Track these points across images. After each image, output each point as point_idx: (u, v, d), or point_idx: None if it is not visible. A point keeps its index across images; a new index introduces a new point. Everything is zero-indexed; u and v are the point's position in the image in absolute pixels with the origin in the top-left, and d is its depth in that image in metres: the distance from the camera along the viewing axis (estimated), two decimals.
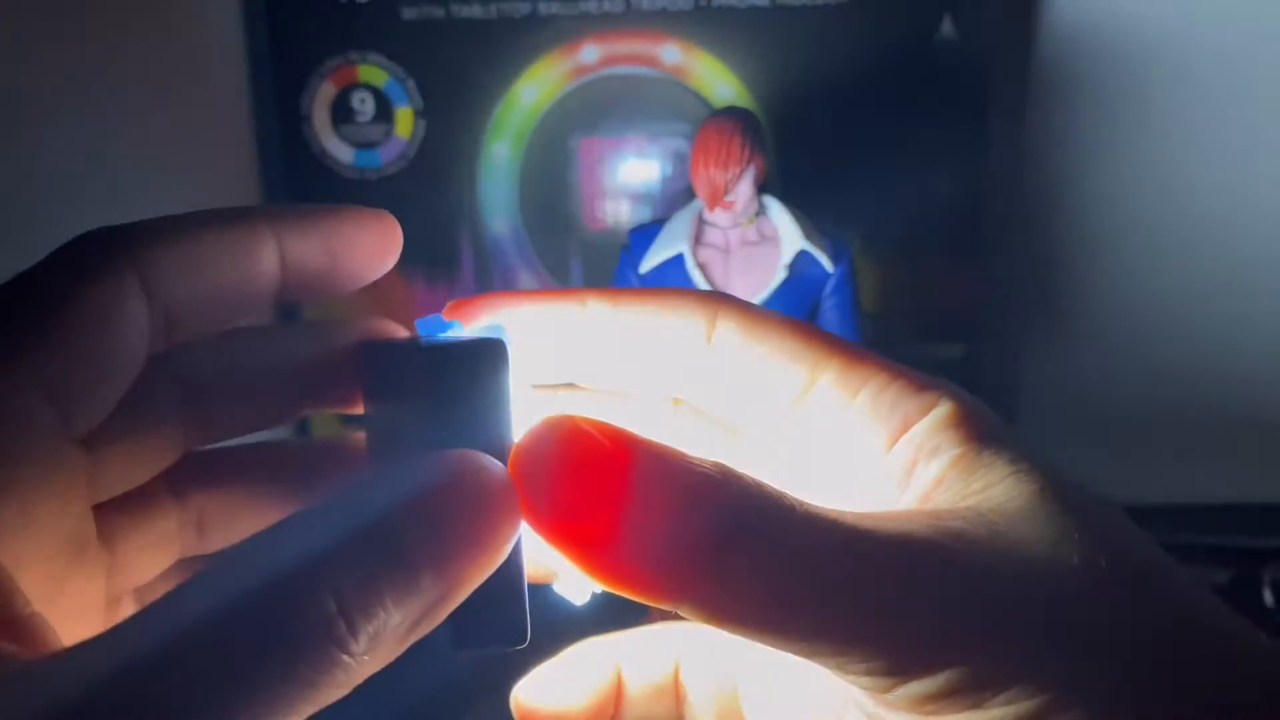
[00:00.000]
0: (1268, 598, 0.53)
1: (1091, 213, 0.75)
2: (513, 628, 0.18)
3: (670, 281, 0.46)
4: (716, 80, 0.65)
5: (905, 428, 0.20)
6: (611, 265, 0.51)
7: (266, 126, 0.67)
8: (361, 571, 0.14)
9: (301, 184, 0.67)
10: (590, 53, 0.64)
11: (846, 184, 0.66)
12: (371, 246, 0.21)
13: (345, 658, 0.14)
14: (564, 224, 0.67)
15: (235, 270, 0.19)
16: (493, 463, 0.16)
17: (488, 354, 0.17)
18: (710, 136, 0.44)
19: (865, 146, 0.65)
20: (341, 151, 0.66)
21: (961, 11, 0.63)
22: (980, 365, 0.68)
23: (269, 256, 0.20)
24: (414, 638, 0.16)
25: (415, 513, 0.15)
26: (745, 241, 0.46)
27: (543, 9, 0.64)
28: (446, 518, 0.16)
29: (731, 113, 0.45)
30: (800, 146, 0.65)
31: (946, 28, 0.63)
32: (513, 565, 0.17)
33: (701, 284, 0.45)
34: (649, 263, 0.46)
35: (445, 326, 0.20)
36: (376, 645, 0.15)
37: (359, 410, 0.22)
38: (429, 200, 0.67)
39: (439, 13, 0.64)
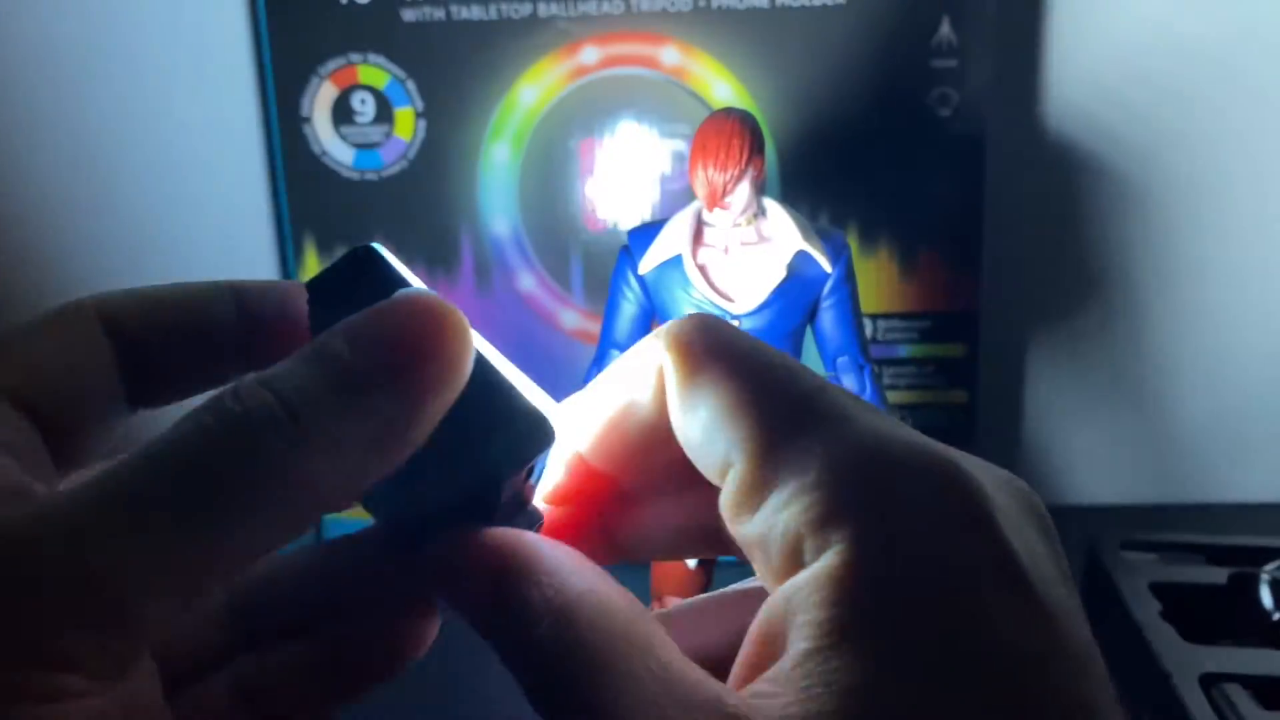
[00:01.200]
0: (1265, 596, 0.53)
1: (1094, 211, 0.75)
2: (529, 423, 0.19)
3: (670, 281, 0.46)
4: (715, 81, 0.65)
5: (790, 569, 0.17)
6: (611, 266, 0.52)
7: (268, 127, 0.67)
8: (309, 389, 0.16)
9: (302, 185, 0.67)
10: (590, 54, 0.65)
11: (845, 184, 0.66)
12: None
13: (307, 445, 0.16)
14: (564, 225, 0.67)
15: (193, 314, 0.21)
16: (430, 293, 0.18)
17: (363, 257, 0.20)
18: (709, 137, 0.44)
19: (864, 147, 0.65)
20: (342, 152, 0.66)
21: (960, 12, 0.63)
22: (980, 365, 0.69)
23: (226, 306, 0.21)
24: (385, 451, 0.17)
25: (354, 328, 0.17)
26: (744, 242, 0.46)
27: (543, 11, 0.64)
28: (384, 325, 0.17)
29: (730, 113, 0.45)
30: (799, 147, 0.65)
31: (945, 29, 0.63)
32: (485, 376, 0.18)
33: (701, 284, 0.45)
34: (648, 263, 0.46)
35: None
36: (341, 444, 0.16)
37: None
38: (429, 201, 0.67)
39: (439, 14, 0.64)
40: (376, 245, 0.20)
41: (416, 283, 0.19)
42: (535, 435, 0.19)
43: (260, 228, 0.72)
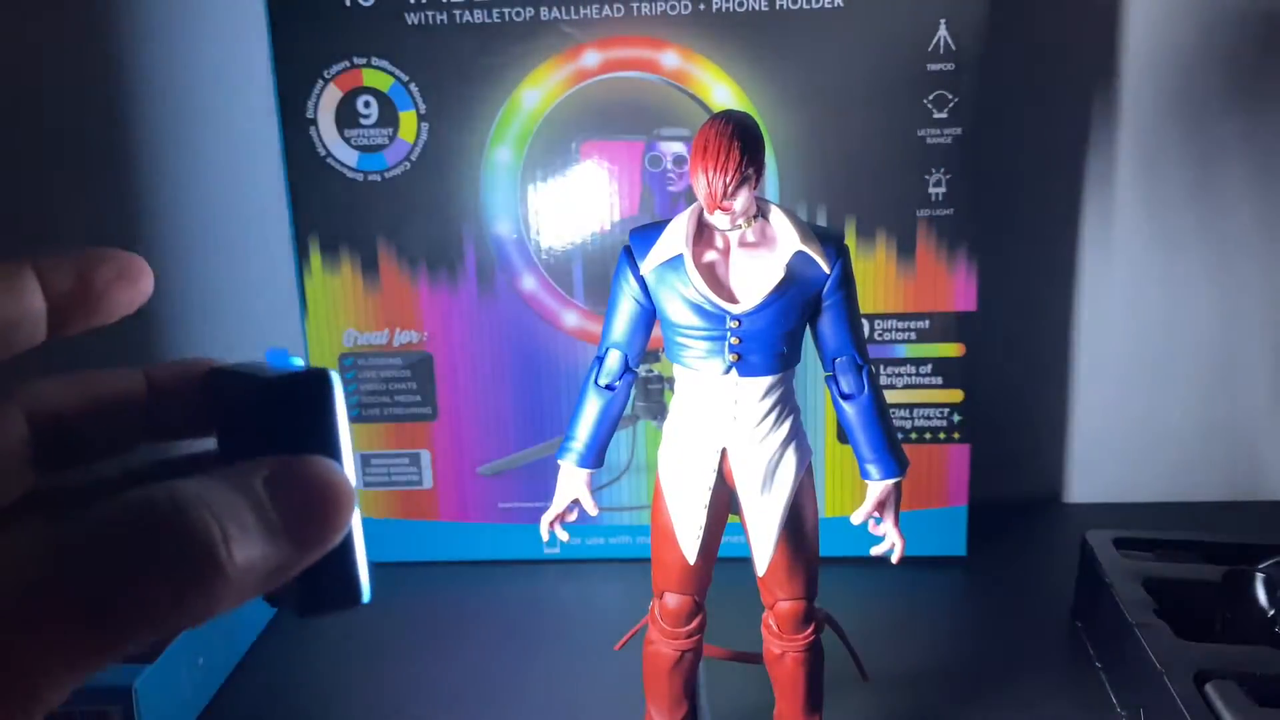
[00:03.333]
0: (1260, 594, 0.54)
1: (1090, 213, 0.75)
2: (350, 591, 0.22)
3: (671, 281, 0.46)
4: (715, 84, 0.65)
5: None
6: (612, 266, 0.52)
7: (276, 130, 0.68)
8: (243, 522, 0.19)
9: (307, 186, 0.67)
10: (591, 58, 0.65)
11: (843, 186, 0.66)
12: (116, 273, 0.25)
13: (226, 569, 0.18)
14: (565, 226, 0.68)
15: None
16: (340, 470, 0.21)
17: (319, 383, 0.22)
18: (709, 140, 0.44)
19: (862, 149, 0.66)
20: (346, 154, 0.67)
21: (956, 16, 0.63)
22: (977, 365, 0.69)
23: (32, 284, 0.23)
24: (270, 584, 0.19)
25: (284, 489, 0.20)
26: (744, 243, 0.47)
27: (544, 15, 0.65)
28: (307, 496, 0.20)
29: (731, 116, 0.45)
30: (797, 149, 0.66)
31: (941, 32, 0.64)
32: (347, 543, 0.21)
33: (701, 284, 0.46)
34: (649, 263, 0.47)
35: (285, 358, 0.24)
36: (246, 576, 0.18)
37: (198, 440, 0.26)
38: (432, 202, 0.67)
39: (442, 18, 0.65)
40: (332, 374, 0.21)
41: (343, 426, 0.21)
42: (347, 599, 0.22)
43: (281, 228, 0.74)
